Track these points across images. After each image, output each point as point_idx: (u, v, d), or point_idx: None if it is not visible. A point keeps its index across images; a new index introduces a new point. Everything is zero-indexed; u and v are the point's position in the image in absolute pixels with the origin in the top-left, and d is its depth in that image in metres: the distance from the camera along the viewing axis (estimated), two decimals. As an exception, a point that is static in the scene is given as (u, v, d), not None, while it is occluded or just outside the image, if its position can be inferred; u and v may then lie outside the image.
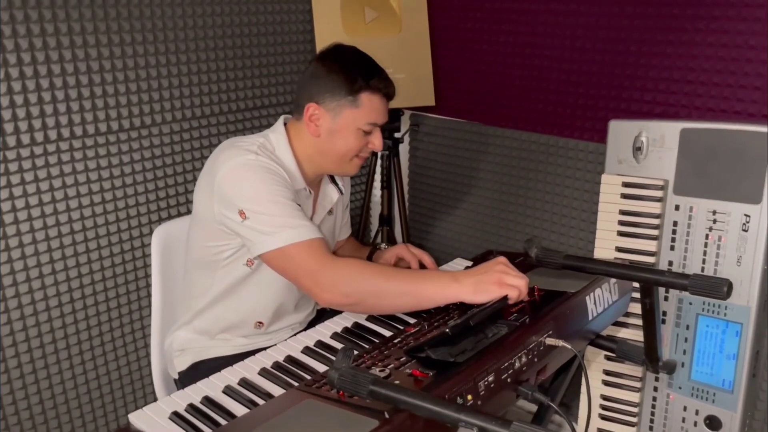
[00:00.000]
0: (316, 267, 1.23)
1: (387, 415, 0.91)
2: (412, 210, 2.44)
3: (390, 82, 1.40)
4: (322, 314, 1.63)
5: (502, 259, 1.23)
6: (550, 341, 1.19)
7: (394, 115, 2.14)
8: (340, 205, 1.59)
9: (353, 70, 1.35)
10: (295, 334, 1.28)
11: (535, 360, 1.16)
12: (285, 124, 1.43)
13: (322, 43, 2.01)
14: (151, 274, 1.52)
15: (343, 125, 1.36)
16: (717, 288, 1.09)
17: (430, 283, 1.21)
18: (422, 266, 1.52)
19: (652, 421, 1.70)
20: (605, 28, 1.78)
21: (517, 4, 1.96)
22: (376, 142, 1.41)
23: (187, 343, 1.46)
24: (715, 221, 1.54)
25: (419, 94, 2.14)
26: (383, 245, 1.60)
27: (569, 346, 1.18)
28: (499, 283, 1.17)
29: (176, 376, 1.48)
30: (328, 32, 2.01)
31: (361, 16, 2.06)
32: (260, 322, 1.46)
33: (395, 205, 2.22)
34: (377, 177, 2.24)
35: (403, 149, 2.32)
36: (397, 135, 2.17)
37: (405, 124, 2.25)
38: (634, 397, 1.71)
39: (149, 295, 1.82)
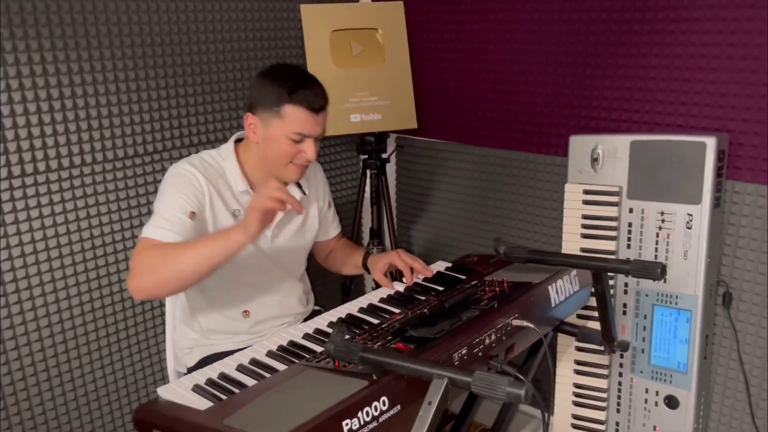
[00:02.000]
0: (132, 257, 1.40)
1: (375, 377, 1.09)
2: (399, 223, 2.62)
3: (318, 97, 1.49)
4: (319, 314, 1.80)
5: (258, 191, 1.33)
6: (516, 322, 1.37)
7: (381, 138, 2.32)
8: (313, 206, 1.72)
9: (280, 84, 1.47)
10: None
11: (504, 338, 1.34)
12: (238, 139, 1.61)
13: (314, 74, 2.19)
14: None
15: (273, 134, 1.49)
16: (652, 270, 1.28)
17: (213, 240, 1.36)
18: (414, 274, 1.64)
19: (618, 403, 1.88)
20: (563, 54, 2.00)
21: (487, 35, 2.17)
22: (308, 151, 1.50)
23: (194, 342, 1.63)
24: (663, 221, 1.74)
25: (403, 118, 2.29)
26: (374, 249, 1.76)
27: (532, 326, 1.37)
28: (252, 210, 1.29)
29: (185, 371, 1.64)
30: (318, 65, 2.18)
31: (349, 49, 2.23)
32: (246, 311, 1.62)
33: (384, 219, 2.39)
34: (367, 194, 2.41)
35: (390, 168, 2.49)
36: (384, 156, 2.34)
37: (391, 145, 2.43)
38: (602, 383, 1.89)
39: (162, 306, 2.00)
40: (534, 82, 2.09)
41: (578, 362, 1.92)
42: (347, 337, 1.30)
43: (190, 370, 1.62)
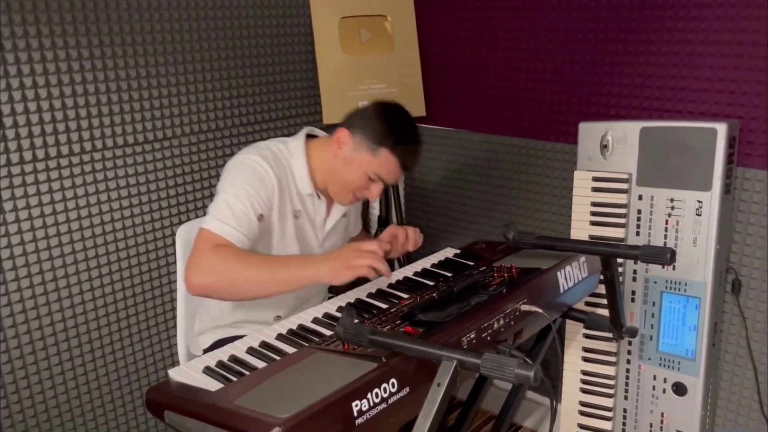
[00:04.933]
0: (196, 250, 1.35)
1: (384, 359, 1.10)
2: (408, 211, 2.62)
3: (414, 157, 1.50)
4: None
5: (353, 245, 1.37)
6: (524, 307, 1.37)
7: None
8: (353, 210, 1.75)
9: (392, 128, 1.46)
10: None
11: (512, 323, 1.35)
12: (309, 135, 1.58)
13: (323, 61, 2.18)
14: (176, 270, 1.71)
15: (357, 162, 1.47)
16: (662, 255, 1.28)
17: (291, 269, 1.34)
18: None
19: (626, 390, 1.88)
20: (573, 41, 1.99)
21: (496, 22, 2.16)
22: (374, 191, 1.50)
23: (207, 327, 1.62)
24: (673, 208, 1.74)
25: (411, 106, 2.18)
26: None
27: (540, 311, 1.37)
28: (348, 267, 1.31)
29: (199, 353, 1.65)
30: (327, 52, 2.18)
31: (357, 36, 2.22)
32: (278, 316, 1.61)
33: (392, 207, 2.40)
34: None
35: None
36: None
37: None
38: (610, 370, 1.89)
39: (172, 293, 2.01)
40: (543, 69, 2.08)
41: (586, 349, 1.92)
42: (356, 320, 1.32)
43: (205, 352, 1.63)
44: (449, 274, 1.58)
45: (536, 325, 1.47)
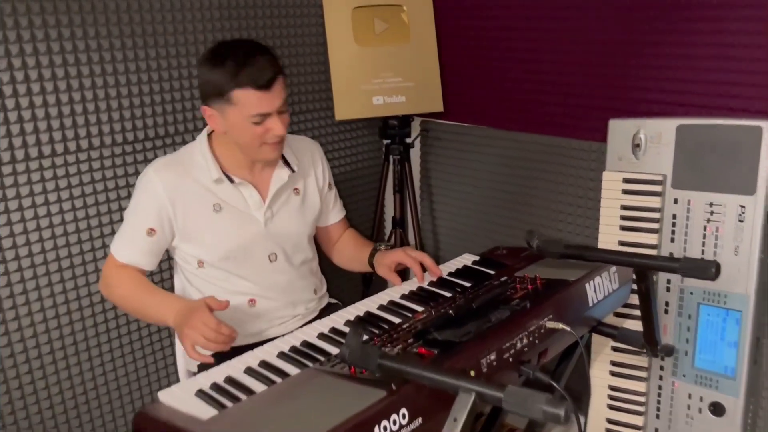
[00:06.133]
0: (104, 268, 1.53)
1: (394, 387, 0.98)
2: (423, 212, 2.51)
3: (264, 71, 1.38)
4: (336, 308, 1.71)
5: (197, 315, 1.30)
6: (550, 324, 1.26)
7: (404, 121, 2.22)
8: (311, 185, 1.64)
9: (221, 69, 1.38)
10: (309, 323, 1.37)
11: (537, 342, 1.23)
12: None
13: (335, 53, 2.09)
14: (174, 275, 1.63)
15: (232, 122, 1.42)
16: (705, 269, 1.15)
17: (154, 312, 1.45)
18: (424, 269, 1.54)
19: (658, 409, 1.75)
20: (602, 31, 1.85)
21: (518, 11, 2.04)
22: (275, 128, 1.43)
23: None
24: (712, 213, 1.60)
25: (428, 100, 2.20)
26: (382, 246, 1.65)
27: (568, 329, 1.25)
28: (184, 343, 1.30)
29: (195, 369, 1.57)
30: (340, 43, 2.09)
31: (371, 27, 2.13)
32: (251, 300, 1.58)
33: (407, 208, 2.29)
34: (389, 181, 2.30)
35: (414, 154, 2.38)
36: (408, 140, 2.24)
37: (415, 130, 2.32)
38: (640, 386, 1.76)
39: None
40: (570, 62, 1.94)
41: (614, 363, 1.79)
42: (365, 337, 1.21)
43: (200, 368, 1.54)
44: (467, 284, 1.47)
45: (562, 342, 1.35)
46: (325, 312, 1.70)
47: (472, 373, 1.08)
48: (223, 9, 1.91)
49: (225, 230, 1.52)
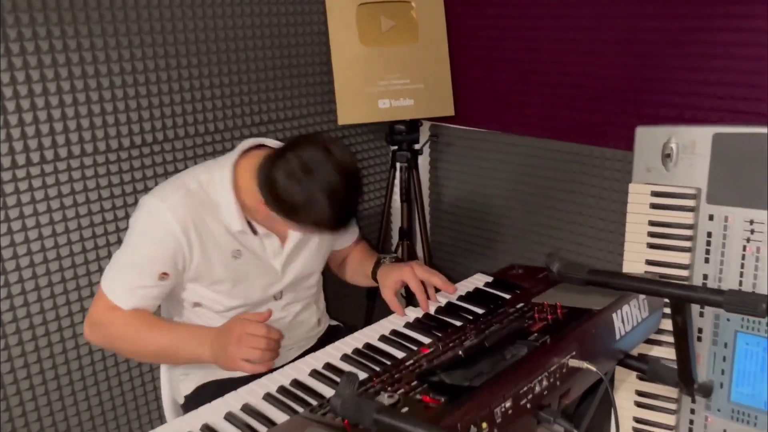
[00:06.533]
0: (93, 308, 1.32)
1: (393, 446, 0.84)
2: (433, 223, 2.38)
3: (342, 222, 1.24)
4: (337, 332, 1.58)
5: (238, 329, 1.18)
6: (573, 363, 1.11)
7: (413, 126, 2.10)
8: None
9: (298, 202, 1.19)
10: (303, 354, 1.24)
11: (558, 383, 1.09)
12: (245, 150, 1.35)
13: (338, 53, 1.97)
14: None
15: (272, 219, 1.28)
16: (755, 305, 1.00)
17: (182, 350, 1.28)
18: (437, 289, 1.42)
19: (689, 445, 1.60)
20: (629, 30, 1.70)
21: (539, 8, 1.90)
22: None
23: (190, 367, 1.42)
24: (752, 231, 1.45)
25: (438, 104, 2.09)
26: (387, 259, 1.52)
27: (594, 369, 1.10)
28: (230, 362, 1.18)
29: (182, 401, 1.44)
30: (343, 43, 1.97)
31: (377, 25, 2.02)
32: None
33: (415, 218, 2.17)
34: (396, 190, 2.18)
35: (423, 161, 2.26)
36: (416, 146, 2.13)
37: (424, 135, 2.20)
38: (669, 419, 1.61)
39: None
40: (593, 63, 1.79)
41: (640, 393, 1.64)
42: (364, 376, 1.08)
43: (187, 399, 1.42)
44: (480, 311, 1.32)
45: (586, 381, 1.20)
46: (325, 336, 1.57)
47: (485, 425, 0.94)
48: (223, 6, 1.78)
49: (243, 280, 1.37)
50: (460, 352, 1.05)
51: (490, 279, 1.51)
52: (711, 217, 1.51)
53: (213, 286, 1.35)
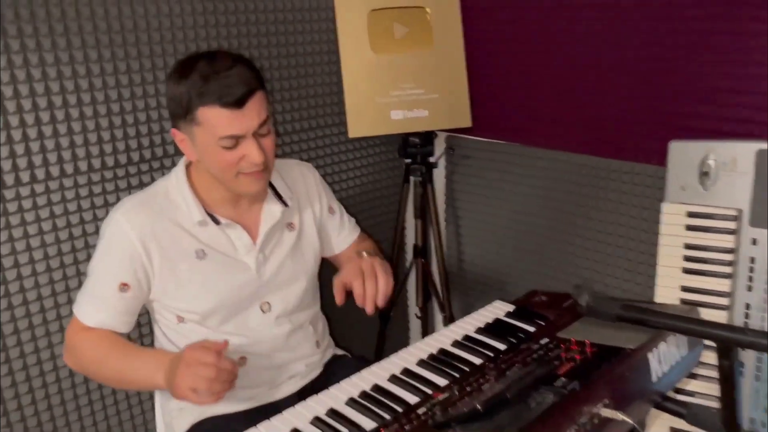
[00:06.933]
0: (67, 332, 1.34)
1: None
2: (449, 239, 2.28)
3: (233, 87, 1.19)
4: (342, 362, 1.48)
5: (188, 355, 1.13)
6: (606, 413, 1.00)
7: (427, 138, 2.02)
8: (308, 219, 1.46)
9: (185, 83, 1.20)
10: (302, 389, 1.17)
11: (588, 436, 0.97)
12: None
13: (348, 62, 1.90)
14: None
15: (201, 146, 1.25)
16: (818, 353, 0.87)
17: (141, 375, 1.24)
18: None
19: (729, 490, 1.47)
20: (661, 34, 1.59)
21: (560, 12, 1.79)
22: (251, 153, 1.23)
23: (185, 402, 1.33)
24: (801, 258, 1.32)
25: (454, 114, 2.01)
26: (365, 253, 1.40)
27: (630, 420, 0.99)
28: (179, 391, 1.12)
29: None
30: (354, 50, 1.90)
31: (390, 32, 1.94)
32: (242, 357, 1.36)
33: (430, 235, 2.08)
34: (410, 205, 2.11)
35: (438, 174, 2.19)
36: (431, 159, 2.05)
37: (439, 147, 2.13)
38: (707, 461, 1.48)
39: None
40: (621, 71, 1.68)
41: (675, 430, 1.52)
42: (369, 428, 0.97)
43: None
44: (500, 347, 1.22)
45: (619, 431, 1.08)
46: (329, 368, 1.47)
47: (507, 492, 0.83)
48: (228, 14, 1.71)
49: (211, 281, 1.31)
50: (478, 406, 0.94)
51: (510, 308, 1.40)
52: (754, 242, 1.39)
53: (181, 290, 1.30)
